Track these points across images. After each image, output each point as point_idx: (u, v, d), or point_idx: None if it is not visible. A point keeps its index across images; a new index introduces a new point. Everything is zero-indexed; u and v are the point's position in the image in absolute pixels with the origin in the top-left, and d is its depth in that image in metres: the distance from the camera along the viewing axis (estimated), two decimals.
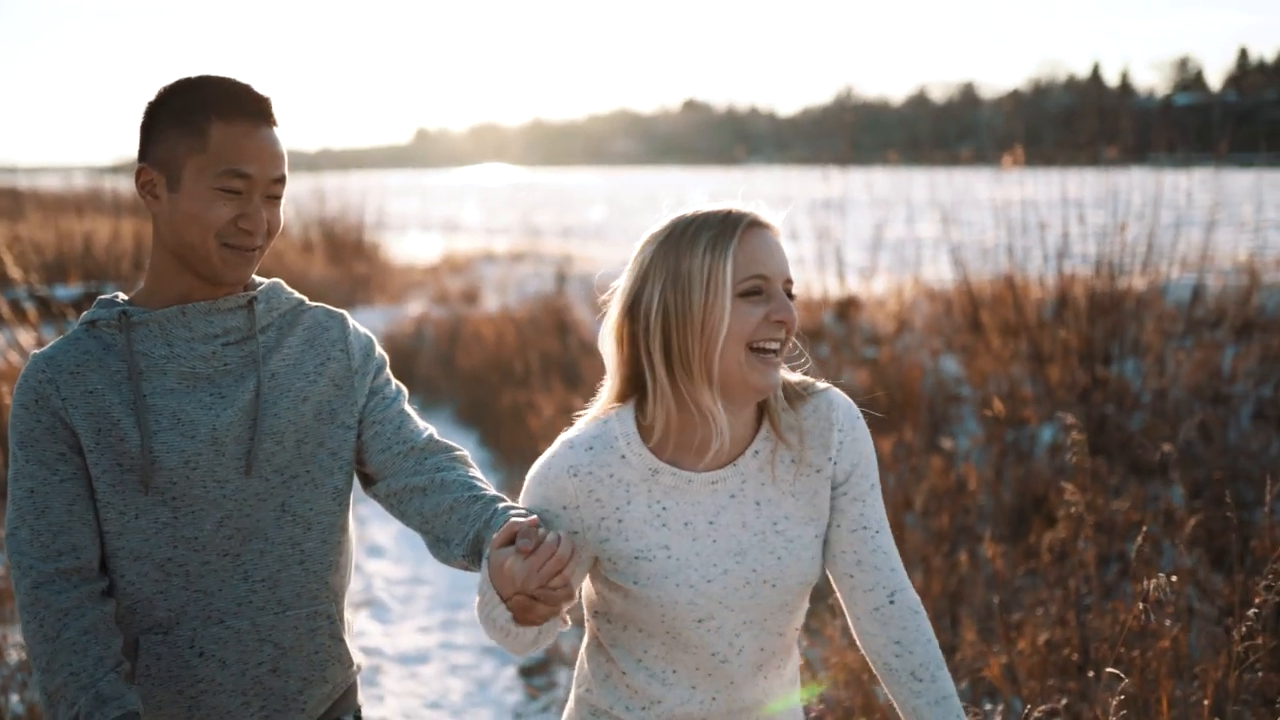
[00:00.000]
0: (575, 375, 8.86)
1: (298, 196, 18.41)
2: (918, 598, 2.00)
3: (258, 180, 1.97)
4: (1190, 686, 3.36)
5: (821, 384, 2.03)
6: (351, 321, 2.19)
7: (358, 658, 2.22)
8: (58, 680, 1.85)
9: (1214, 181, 9.26)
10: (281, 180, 2.02)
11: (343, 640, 2.11)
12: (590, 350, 9.79)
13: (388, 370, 2.21)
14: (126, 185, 17.21)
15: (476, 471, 2.13)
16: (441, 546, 2.04)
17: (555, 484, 1.94)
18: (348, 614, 2.22)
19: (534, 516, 1.78)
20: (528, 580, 1.70)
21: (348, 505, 2.12)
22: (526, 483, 2.00)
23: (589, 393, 7.53)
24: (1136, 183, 8.97)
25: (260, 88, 2.02)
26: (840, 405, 2.01)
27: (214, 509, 1.98)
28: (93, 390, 1.95)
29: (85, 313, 2.03)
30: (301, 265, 14.56)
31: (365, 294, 13.81)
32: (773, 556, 1.93)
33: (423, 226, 28.29)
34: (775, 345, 1.88)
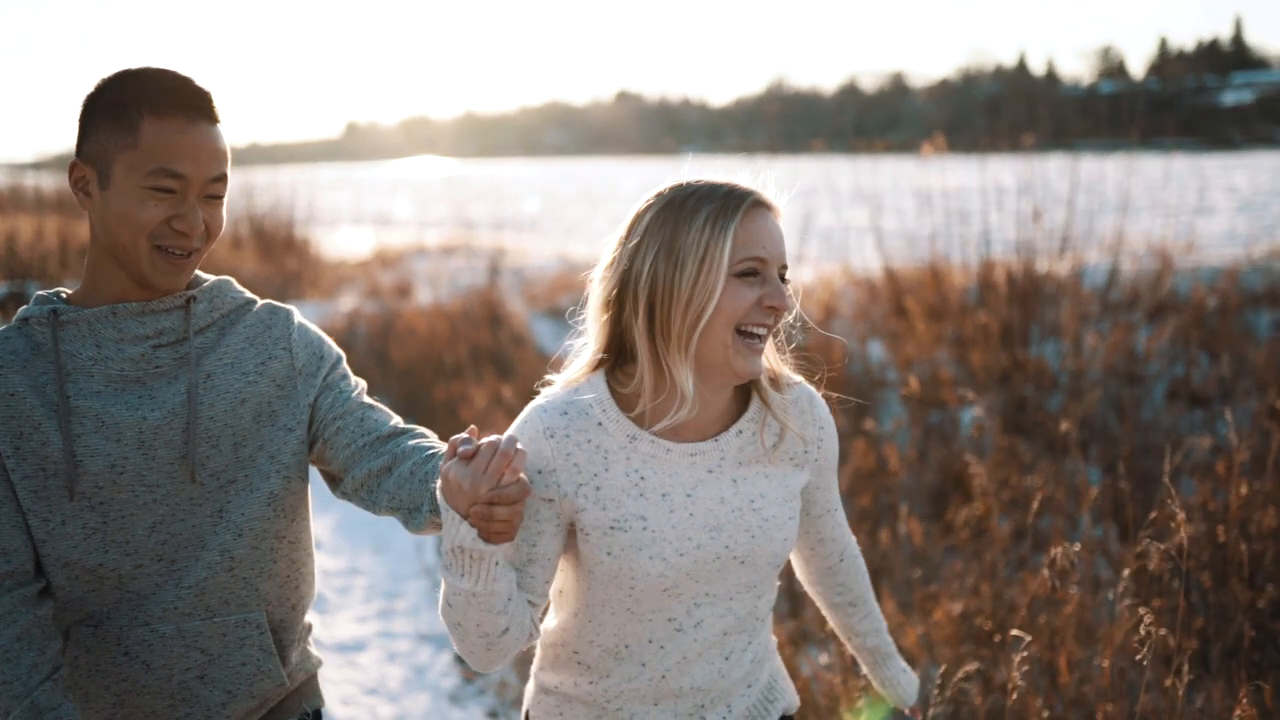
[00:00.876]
0: (507, 366, 8.94)
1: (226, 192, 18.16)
2: (855, 543, 2.22)
3: (192, 180, 1.88)
4: (1094, 649, 3.54)
5: (795, 376, 2.04)
6: (298, 318, 2.09)
7: (313, 661, 2.16)
8: None
9: (1128, 168, 9.56)
10: (221, 180, 1.93)
11: (274, 654, 2.01)
12: (521, 341, 9.87)
13: (344, 366, 2.12)
14: (49, 182, 16.93)
15: (438, 441, 2.05)
16: (414, 516, 1.96)
17: (531, 447, 1.87)
18: (310, 619, 2.16)
19: (473, 426, 1.70)
20: (477, 484, 1.63)
21: (286, 512, 2.02)
22: None
23: (521, 384, 7.66)
24: (1061, 169, 9.23)
25: (201, 81, 1.92)
26: (819, 402, 2.04)
27: (145, 514, 1.90)
28: (14, 393, 1.87)
29: (21, 308, 1.96)
30: (232, 261, 14.43)
31: (297, 289, 13.73)
32: (747, 534, 1.92)
33: (354, 221, 28.08)
34: (763, 330, 1.85)
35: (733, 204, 1.82)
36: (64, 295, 1.99)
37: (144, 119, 1.85)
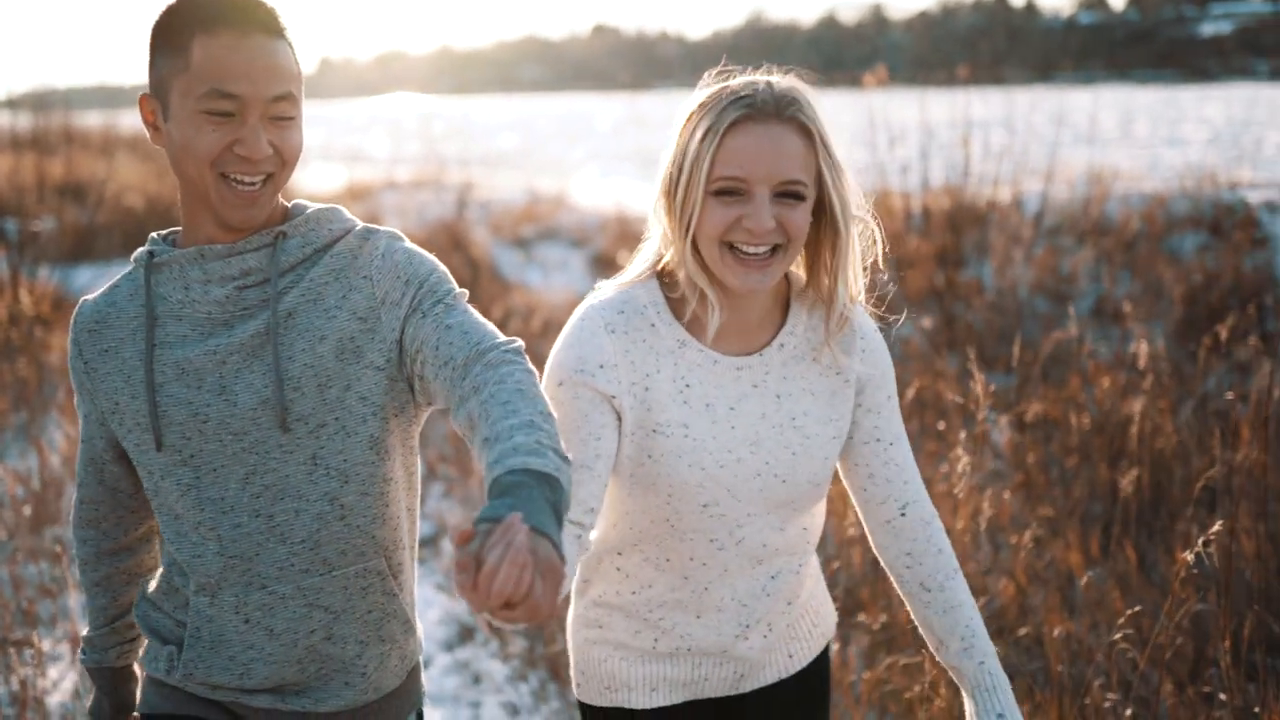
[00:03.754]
0: (467, 289, 9.35)
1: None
2: (933, 510, 1.97)
3: (249, 99, 1.68)
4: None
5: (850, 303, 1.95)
6: (385, 243, 1.85)
7: (415, 642, 2.02)
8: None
9: (1060, 100, 9.96)
10: (286, 98, 1.72)
11: (397, 595, 1.92)
12: (481, 267, 10.30)
13: (434, 283, 1.83)
14: (24, 120, 17.11)
15: (508, 380, 1.65)
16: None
17: (592, 342, 1.84)
18: (411, 563, 2.02)
19: (464, 530, 1.33)
20: (481, 606, 1.28)
21: (390, 453, 1.86)
22: (554, 352, 1.87)
23: (478, 304, 8.18)
24: (1028, 101, 9.60)
25: None
26: (861, 315, 1.96)
27: (235, 465, 1.79)
28: (108, 348, 1.83)
29: (138, 250, 1.88)
30: None
31: None
32: (787, 451, 1.89)
33: (326, 158, 28.24)
34: (754, 249, 1.76)
35: (723, 118, 1.74)
36: (174, 237, 1.88)
37: (195, 38, 1.68)
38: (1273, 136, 19.71)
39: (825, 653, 2.12)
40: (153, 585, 1.97)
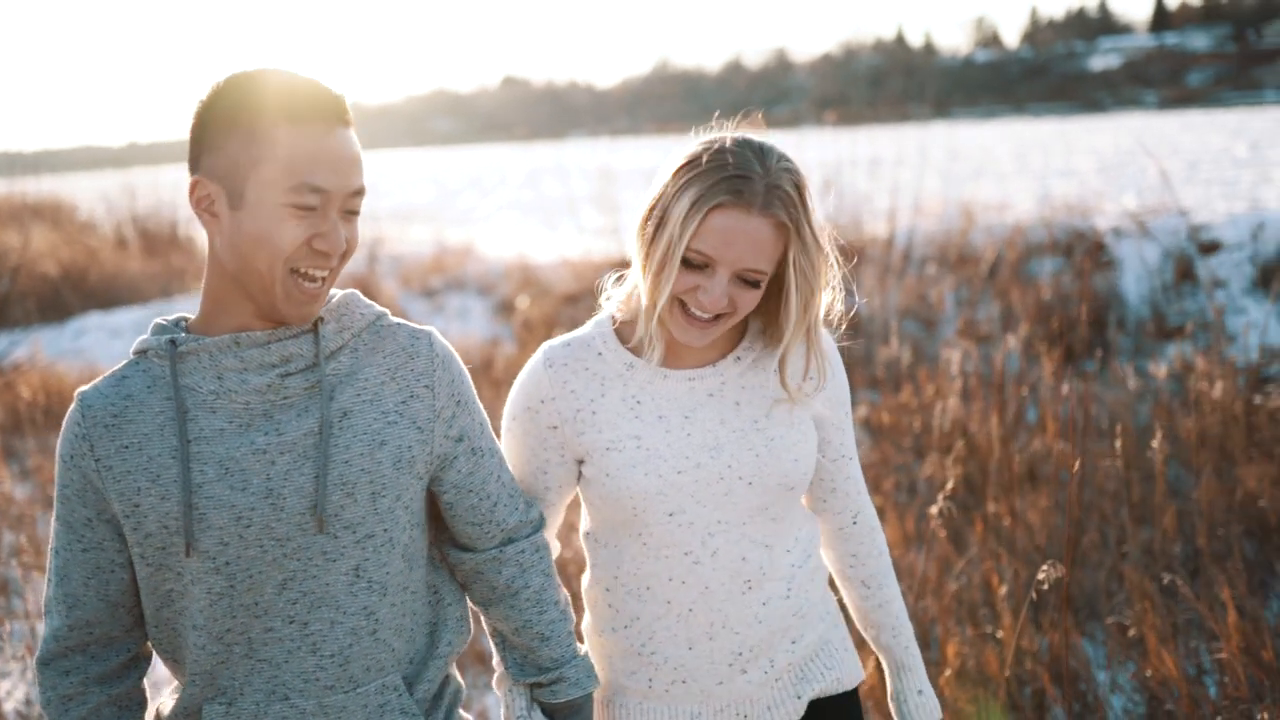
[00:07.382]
0: None
1: (108, 193, 18.70)
2: (875, 515, 2.15)
3: (334, 193, 1.67)
4: None
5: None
6: (438, 345, 1.86)
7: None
8: None
9: (919, 135, 10.75)
10: (361, 192, 1.72)
11: (418, 715, 1.82)
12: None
13: (479, 412, 1.92)
14: None
15: (547, 566, 1.96)
16: (502, 658, 2.01)
17: (532, 380, 1.97)
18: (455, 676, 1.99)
19: None
20: None
21: (414, 562, 1.84)
22: (511, 392, 2.03)
23: None
24: (929, 137, 10.33)
25: (331, 84, 1.72)
26: (826, 338, 2.03)
27: (274, 570, 1.70)
28: (129, 444, 1.68)
29: (139, 339, 1.77)
30: (116, 260, 15.03)
31: (182, 284, 14.35)
32: (751, 453, 1.93)
33: None
34: (703, 314, 1.85)
35: (712, 195, 1.79)
36: (184, 323, 1.80)
37: (278, 127, 1.64)
38: (1154, 165, 20.82)
39: (855, 703, 2.12)
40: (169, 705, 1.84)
